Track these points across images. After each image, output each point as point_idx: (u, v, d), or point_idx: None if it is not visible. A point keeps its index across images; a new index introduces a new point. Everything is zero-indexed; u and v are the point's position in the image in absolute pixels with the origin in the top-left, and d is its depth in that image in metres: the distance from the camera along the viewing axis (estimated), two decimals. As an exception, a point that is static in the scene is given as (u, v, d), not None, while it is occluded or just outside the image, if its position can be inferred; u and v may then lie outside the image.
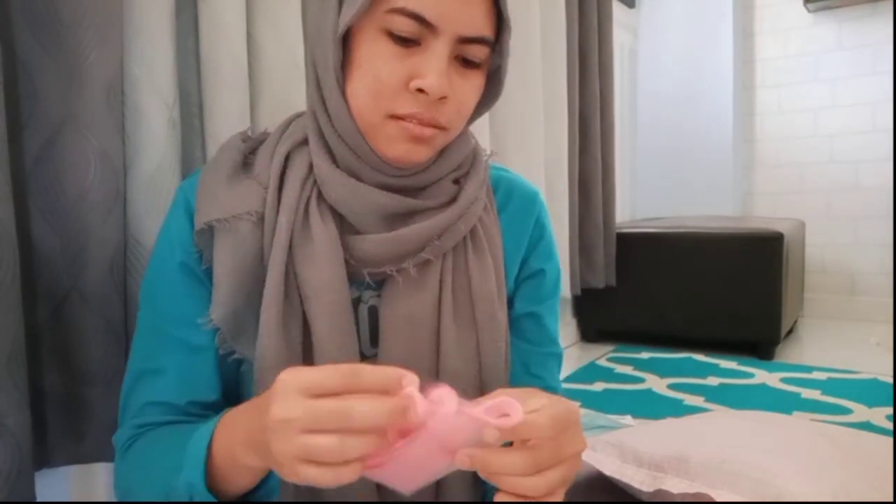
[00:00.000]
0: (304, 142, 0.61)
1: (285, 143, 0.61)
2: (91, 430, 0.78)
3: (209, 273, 0.59)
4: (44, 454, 0.77)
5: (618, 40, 2.69)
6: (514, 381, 0.68)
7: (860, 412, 1.61)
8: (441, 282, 0.61)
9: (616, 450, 0.86)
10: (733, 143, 2.90)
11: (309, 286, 0.57)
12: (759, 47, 3.04)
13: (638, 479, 0.80)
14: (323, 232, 0.57)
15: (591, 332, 2.53)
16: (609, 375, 2.02)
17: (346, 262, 0.58)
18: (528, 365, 0.71)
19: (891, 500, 0.71)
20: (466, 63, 0.57)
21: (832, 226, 2.91)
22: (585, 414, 1.34)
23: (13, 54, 0.71)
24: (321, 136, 0.60)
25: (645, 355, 2.25)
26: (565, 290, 2.11)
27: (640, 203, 3.09)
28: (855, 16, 2.82)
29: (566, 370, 2.08)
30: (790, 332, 2.55)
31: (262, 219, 0.58)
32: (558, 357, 0.75)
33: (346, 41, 0.56)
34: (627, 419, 1.50)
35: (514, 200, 0.70)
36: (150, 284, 0.63)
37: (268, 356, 0.56)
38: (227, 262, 0.57)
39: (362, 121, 0.57)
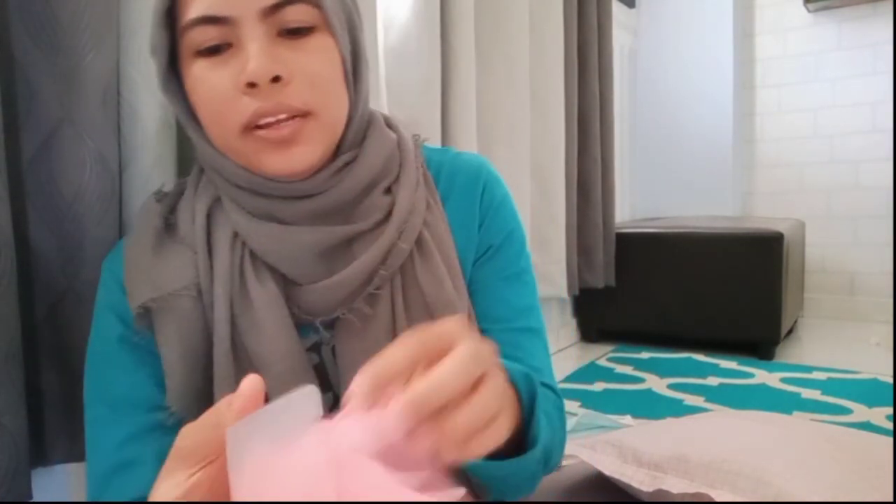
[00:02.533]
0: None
1: (202, 198, 0.56)
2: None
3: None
4: (40, 452, 0.77)
5: (618, 40, 2.69)
6: None
7: (860, 412, 1.60)
8: (393, 305, 0.56)
9: (616, 450, 0.86)
10: (733, 143, 2.90)
11: (257, 358, 0.52)
12: (759, 47, 3.04)
13: (638, 479, 0.80)
14: (263, 296, 0.52)
15: (591, 332, 2.52)
16: (609, 375, 2.02)
17: (295, 313, 0.54)
18: (501, 349, 0.62)
19: (891, 500, 0.71)
20: (295, 33, 0.50)
21: (832, 226, 2.90)
22: (585, 414, 1.34)
23: (10, 55, 0.71)
24: (226, 192, 0.55)
25: (645, 355, 2.25)
26: (564, 290, 2.11)
27: (640, 203, 3.09)
28: (855, 16, 2.82)
29: (566, 370, 2.07)
30: (790, 332, 2.55)
31: (200, 291, 0.53)
32: (534, 332, 0.65)
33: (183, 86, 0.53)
34: (627, 419, 1.50)
35: (458, 183, 0.63)
36: (97, 374, 0.57)
37: None
38: (174, 347, 0.52)
39: (230, 153, 0.52)
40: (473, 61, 1.59)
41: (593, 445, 0.88)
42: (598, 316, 2.49)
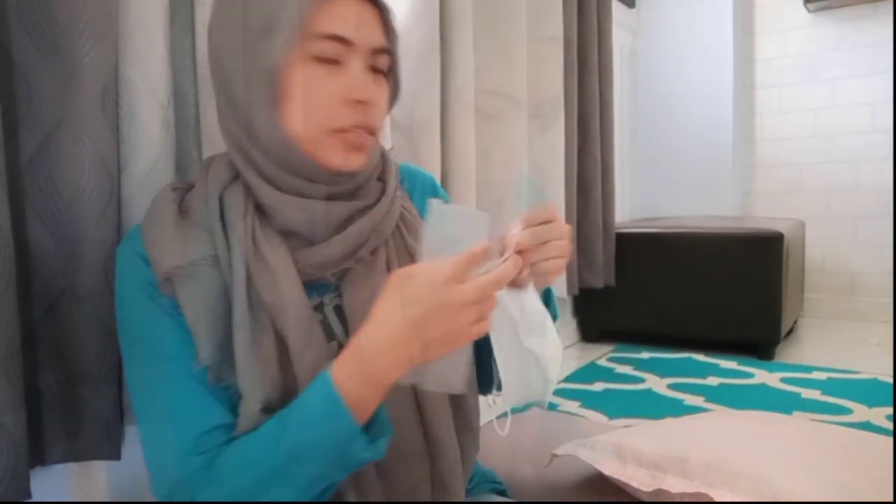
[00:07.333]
0: (232, 180, 0.66)
1: (213, 186, 0.66)
2: (85, 427, 0.79)
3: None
4: (39, 452, 0.77)
5: (618, 40, 2.69)
6: None
7: (860, 412, 1.60)
8: (388, 263, 0.69)
9: (616, 450, 0.86)
10: (733, 143, 2.90)
11: (275, 307, 0.61)
12: (759, 47, 3.04)
13: (638, 479, 0.80)
14: (276, 256, 0.63)
15: (591, 332, 2.52)
16: (609, 375, 2.02)
17: (301, 272, 0.64)
18: None
19: (891, 500, 0.71)
20: (377, 72, 0.65)
21: (832, 226, 2.90)
22: (583, 414, 1.35)
23: (9, 56, 0.72)
24: (257, 170, 0.64)
25: (645, 355, 2.25)
26: (564, 290, 2.11)
27: (640, 203, 3.09)
28: (855, 16, 2.82)
29: (566, 370, 2.08)
30: (790, 332, 2.55)
31: (216, 260, 0.62)
32: None
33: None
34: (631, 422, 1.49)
35: (417, 186, 0.81)
36: (141, 343, 0.63)
37: (245, 376, 0.59)
38: (195, 306, 0.60)
39: (305, 142, 0.62)
40: (472, 61, 1.59)
41: (593, 445, 0.88)
42: (598, 316, 2.49)
